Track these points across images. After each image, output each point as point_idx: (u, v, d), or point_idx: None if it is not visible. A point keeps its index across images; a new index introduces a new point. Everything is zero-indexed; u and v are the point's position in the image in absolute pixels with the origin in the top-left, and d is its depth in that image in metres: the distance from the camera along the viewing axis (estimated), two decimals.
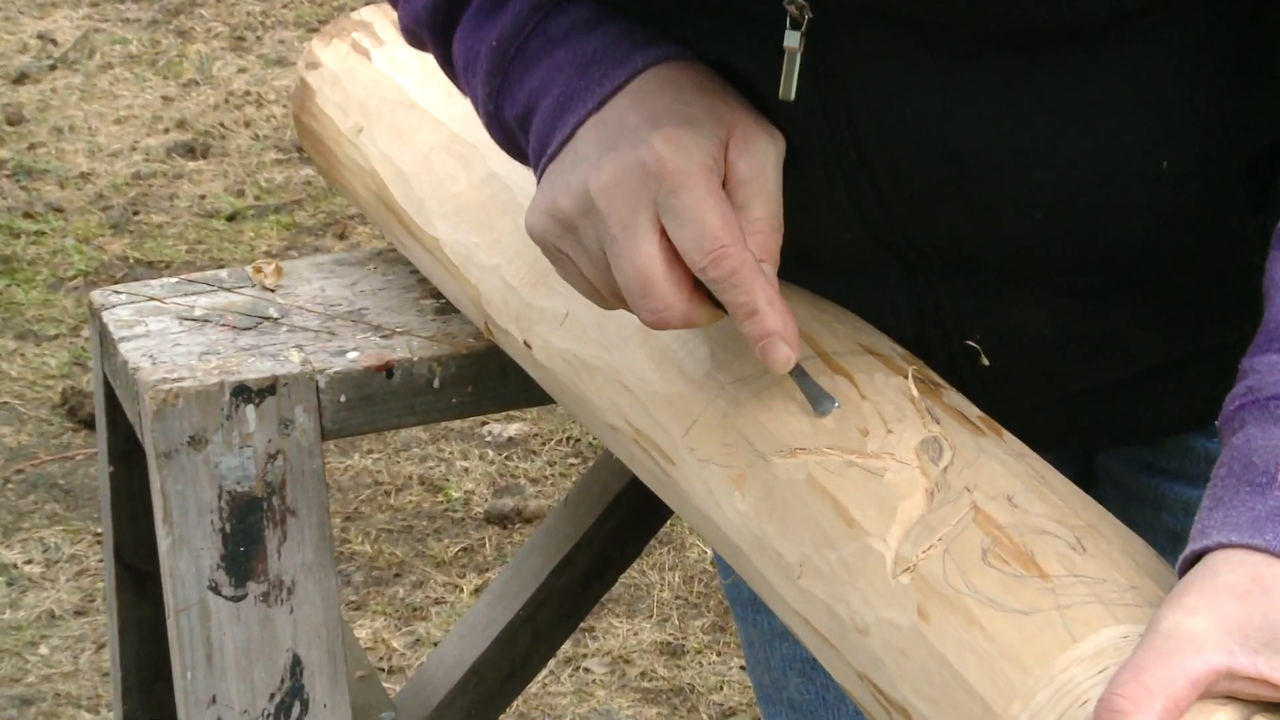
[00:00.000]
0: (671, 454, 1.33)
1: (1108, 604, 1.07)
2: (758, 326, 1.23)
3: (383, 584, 3.57)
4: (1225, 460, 1.10)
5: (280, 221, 4.96)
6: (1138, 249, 1.30)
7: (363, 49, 1.93)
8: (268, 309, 1.87)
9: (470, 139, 1.69)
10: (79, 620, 3.46)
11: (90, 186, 5.19)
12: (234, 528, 1.70)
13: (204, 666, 1.70)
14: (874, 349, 1.32)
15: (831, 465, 1.22)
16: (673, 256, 1.24)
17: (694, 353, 1.34)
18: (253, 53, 6.05)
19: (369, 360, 1.76)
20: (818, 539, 1.20)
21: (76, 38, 6.12)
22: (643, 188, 1.23)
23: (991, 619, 1.08)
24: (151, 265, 4.72)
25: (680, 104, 1.26)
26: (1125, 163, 1.26)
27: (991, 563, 1.11)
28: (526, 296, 1.50)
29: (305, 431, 1.71)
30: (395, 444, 4.00)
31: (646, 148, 1.23)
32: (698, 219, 1.22)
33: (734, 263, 1.22)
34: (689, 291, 1.25)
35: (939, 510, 1.16)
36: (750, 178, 1.25)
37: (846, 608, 1.16)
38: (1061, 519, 1.14)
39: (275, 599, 1.72)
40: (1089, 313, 1.34)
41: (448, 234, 1.65)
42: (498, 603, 2.32)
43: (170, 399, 1.67)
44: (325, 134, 1.92)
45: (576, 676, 3.31)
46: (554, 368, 1.47)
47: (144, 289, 1.92)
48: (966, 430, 1.23)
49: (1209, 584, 1.02)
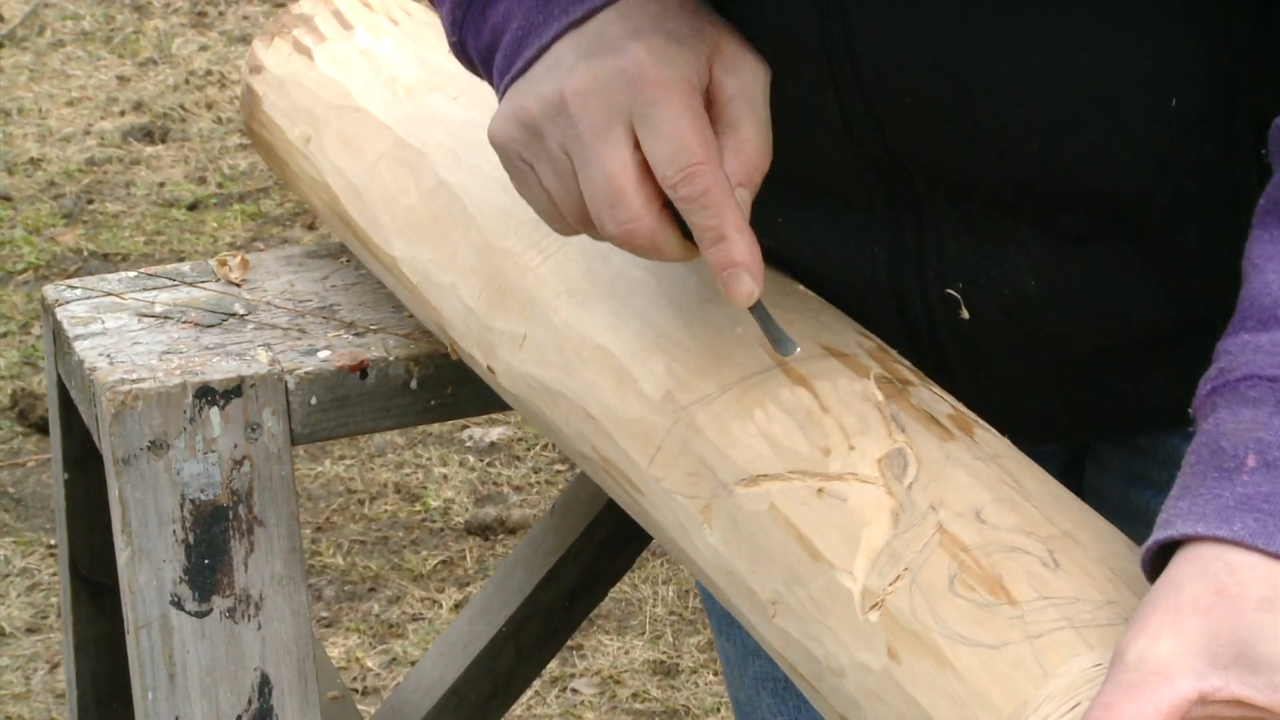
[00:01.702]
0: (640, 484, 1.36)
1: (1079, 628, 1.08)
2: (723, 254, 1.25)
3: (356, 599, 3.58)
4: (1195, 446, 1.10)
5: (245, 211, 4.96)
6: (1136, 192, 1.32)
7: (304, 48, 1.94)
8: (233, 305, 1.88)
9: (417, 144, 1.71)
10: (31, 638, 3.47)
11: (41, 173, 5.19)
12: (198, 538, 1.71)
13: (166, 686, 1.71)
14: (837, 349, 1.33)
15: (794, 493, 1.24)
16: (645, 169, 1.26)
17: (651, 371, 1.36)
18: (215, 29, 6.06)
19: (341, 360, 1.77)
20: (786, 575, 1.22)
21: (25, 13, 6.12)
22: (620, 94, 1.26)
23: (961, 657, 1.10)
24: (107, 258, 4.73)
25: (663, 18, 1.29)
26: (1130, 96, 1.27)
27: (959, 591, 1.13)
28: (485, 318, 1.52)
29: (274, 436, 1.72)
30: (369, 449, 4.01)
31: (629, 55, 1.26)
32: (674, 132, 1.24)
33: (706, 181, 1.24)
34: (659, 209, 1.27)
35: (904, 535, 1.18)
36: (738, 97, 1.28)
37: (821, 648, 1.19)
38: (1033, 529, 1.16)
39: (242, 614, 1.72)
40: (1076, 260, 1.36)
41: (404, 251, 1.66)
42: (479, 619, 2.33)
43: (129, 401, 1.68)
44: (277, 144, 1.94)
45: (564, 698, 3.32)
46: (519, 394, 1.49)
47: (100, 283, 1.93)
48: (934, 435, 1.25)
49: (1171, 602, 1.03)
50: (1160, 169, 1.31)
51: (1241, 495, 1.05)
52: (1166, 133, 1.29)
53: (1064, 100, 1.28)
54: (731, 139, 1.27)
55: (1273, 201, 1.16)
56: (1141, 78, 1.27)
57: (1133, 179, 1.31)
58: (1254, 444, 1.06)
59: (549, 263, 1.49)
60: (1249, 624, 1.00)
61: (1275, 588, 1.01)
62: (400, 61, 1.85)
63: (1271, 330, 1.11)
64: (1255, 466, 1.06)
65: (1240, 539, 1.03)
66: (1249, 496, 1.05)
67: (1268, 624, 1.00)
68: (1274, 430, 1.06)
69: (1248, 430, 1.07)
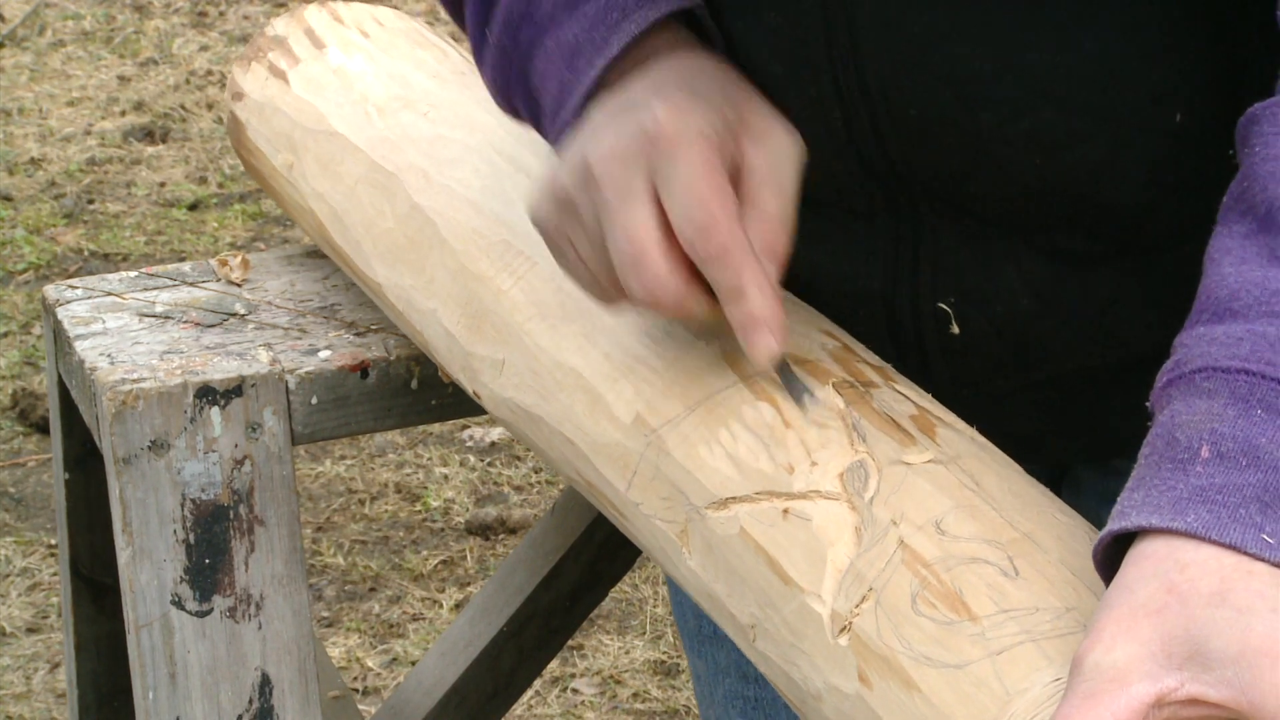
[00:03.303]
0: (622, 508, 1.36)
1: (1039, 640, 1.09)
2: (742, 310, 1.23)
3: (357, 599, 3.58)
4: (1150, 438, 1.10)
5: (246, 211, 4.96)
6: (1138, 209, 1.32)
7: (280, 71, 1.94)
8: (234, 305, 1.88)
9: (389, 167, 1.71)
10: (32, 638, 3.47)
11: (41, 173, 5.19)
12: (198, 538, 1.71)
13: (167, 686, 1.71)
14: (801, 356, 1.33)
15: (761, 514, 1.24)
16: (669, 229, 1.24)
17: (621, 394, 1.36)
18: (215, 29, 6.06)
19: (342, 359, 1.77)
20: (761, 599, 1.23)
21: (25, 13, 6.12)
22: (640, 154, 1.24)
23: (927, 678, 1.11)
24: (108, 258, 4.73)
25: (693, 78, 1.28)
26: (1135, 111, 1.27)
27: (922, 610, 1.14)
28: (466, 344, 1.52)
29: (274, 436, 1.72)
30: (370, 449, 4.01)
31: (648, 113, 1.24)
32: (690, 187, 1.22)
33: (724, 238, 1.22)
34: (686, 272, 1.25)
35: (867, 554, 1.19)
36: (763, 170, 1.26)
37: (799, 672, 1.20)
38: (994, 536, 1.17)
39: (243, 614, 1.73)
40: (1072, 281, 1.35)
41: (386, 276, 1.66)
42: (480, 619, 2.33)
43: (130, 401, 1.68)
44: (264, 170, 1.94)
45: (564, 698, 3.32)
46: (504, 418, 1.49)
47: (101, 283, 1.93)
48: (894, 441, 1.25)
49: (1125, 608, 1.03)
50: (1163, 186, 1.31)
51: (1195, 487, 1.04)
52: (1171, 149, 1.29)
53: (1067, 114, 1.28)
54: (752, 213, 1.25)
55: (1233, 198, 1.16)
56: (1146, 94, 1.27)
57: (1135, 195, 1.31)
58: (1208, 435, 1.06)
59: (520, 285, 1.49)
60: (1200, 621, 1.00)
61: (1225, 581, 1.01)
62: (371, 78, 1.85)
63: (1226, 322, 1.11)
64: (1209, 458, 1.05)
65: (1194, 530, 1.03)
66: (1203, 488, 1.04)
67: (1219, 619, 1.00)
68: (1228, 421, 1.06)
69: (1202, 422, 1.07)
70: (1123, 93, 1.27)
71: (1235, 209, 1.15)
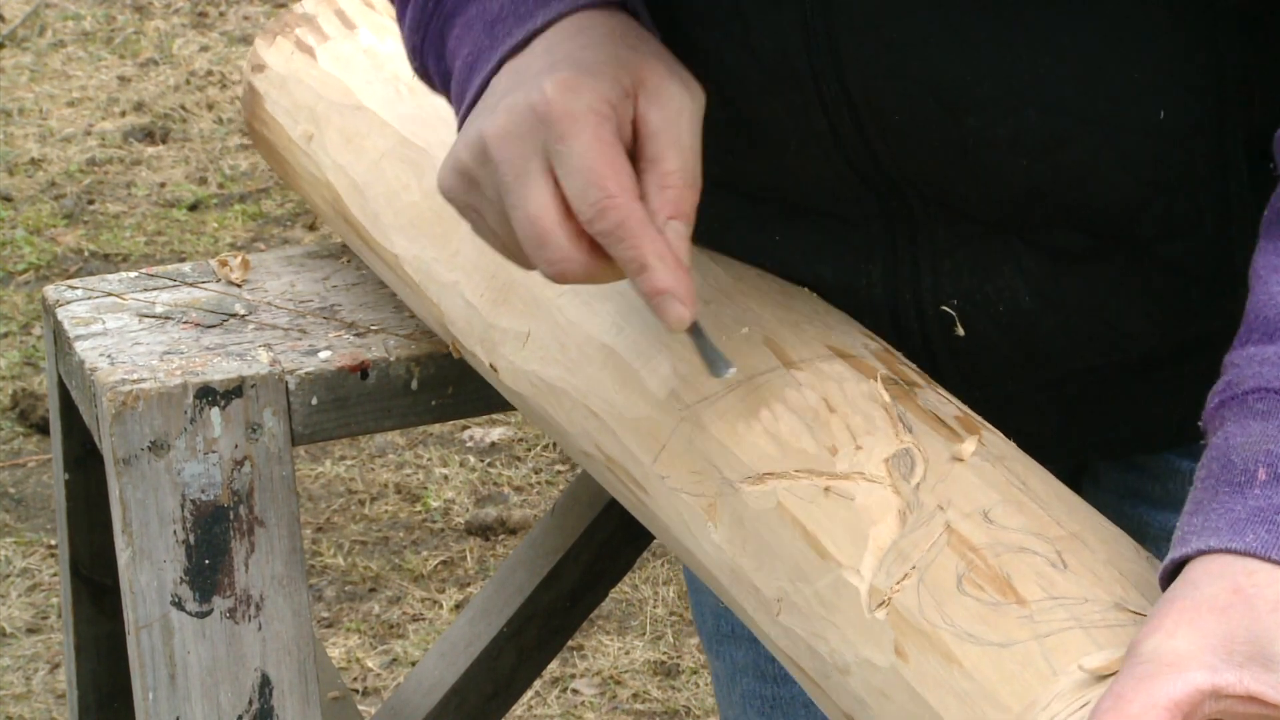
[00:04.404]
0: (644, 482, 1.36)
1: (1088, 628, 1.09)
2: (647, 283, 1.23)
3: (357, 599, 3.58)
4: (1205, 461, 1.11)
5: (246, 211, 4.96)
6: (1127, 207, 1.32)
7: (307, 46, 1.95)
8: (234, 305, 1.88)
9: (420, 142, 1.71)
10: (32, 638, 3.47)
11: (41, 174, 5.19)
12: (198, 539, 1.71)
13: (167, 687, 1.71)
14: (844, 350, 1.33)
15: (801, 491, 1.24)
16: (568, 205, 1.25)
17: (656, 370, 1.36)
18: (216, 29, 6.06)
19: (342, 360, 1.77)
20: (792, 572, 1.22)
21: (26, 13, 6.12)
22: (532, 133, 1.24)
23: (969, 655, 1.10)
24: (108, 258, 4.73)
25: (583, 49, 1.28)
26: (1119, 110, 1.27)
27: (967, 590, 1.13)
28: (488, 316, 1.52)
29: (274, 436, 1.72)
30: (370, 450, 4.01)
31: (537, 91, 1.25)
32: (583, 166, 1.23)
33: (620, 214, 1.22)
34: (589, 244, 1.25)
35: (911, 534, 1.18)
36: (661, 129, 1.26)
37: (826, 645, 1.19)
38: (1042, 531, 1.16)
39: (243, 615, 1.72)
40: (1071, 277, 1.36)
41: (405, 249, 1.66)
42: (480, 619, 2.33)
43: (130, 401, 1.68)
44: (278, 142, 1.94)
45: (564, 698, 3.32)
46: (522, 391, 1.49)
47: (101, 284, 1.93)
48: (941, 436, 1.25)
49: (1188, 600, 1.04)
50: (1150, 184, 1.31)
51: (1253, 508, 1.06)
52: (1156, 147, 1.29)
53: (1052, 115, 1.27)
54: (655, 174, 1.25)
55: (1276, 213, 1.16)
56: (1130, 92, 1.27)
57: (1123, 194, 1.31)
58: (1264, 458, 1.08)
59: None
60: (1265, 624, 1.02)
61: None
62: (403, 60, 1.85)
63: (1277, 342, 1.12)
64: (1266, 480, 1.07)
65: (1253, 550, 1.04)
66: (1261, 509, 1.06)
67: None
68: None
69: (1257, 443, 1.08)
70: (1105, 93, 1.27)
71: (1278, 224, 1.16)
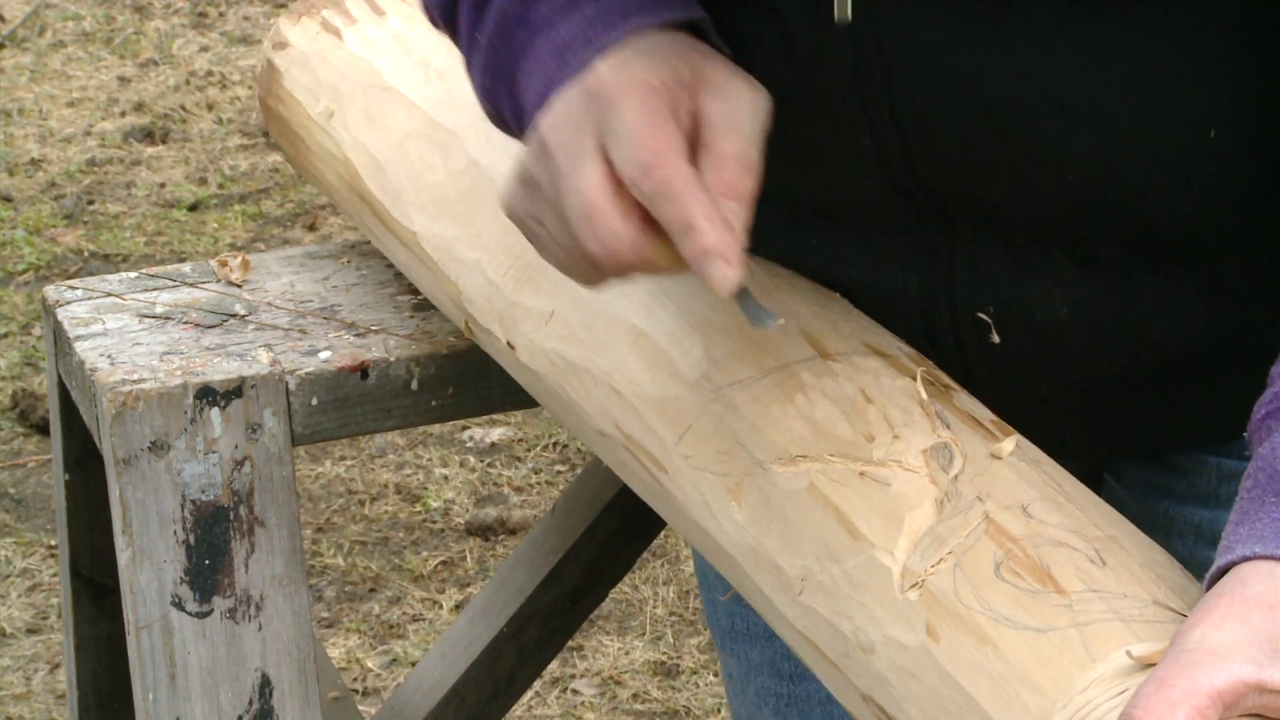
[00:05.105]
0: (664, 461, 1.35)
1: (1128, 621, 1.08)
2: (694, 243, 1.19)
3: (357, 600, 3.58)
4: (1252, 471, 1.11)
5: (246, 211, 4.96)
6: (1176, 225, 1.31)
7: (333, 28, 1.95)
8: (234, 305, 1.88)
9: (448, 124, 1.71)
10: (32, 639, 3.47)
11: (41, 174, 5.19)
12: (198, 539, 1.71)
13: (167, 687, 1.71)
14: (880, 349, 1.33)
15: (835, 474, 1.23)
16: (621, 184, 1.22)
17: (688, 353, 1.36)
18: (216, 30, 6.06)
19: (342, 360, 1.77)
20: (820, 552, 1.21)
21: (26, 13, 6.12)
22: (584, 113, 1.23)
23: (1005, 638, 1.09)
24: (108, 258, 4.73)
25: (646, 45, 1.26)
26: (1168, 129, 1.26)
27: (1005, 577, 1.12)
28: (510, 294, 1.52)
29: (274, 436, 1.72)
30: (370, 450, 4.01)
31: (590, 73, 1.24)
32: (630, 130, 1.20)
33: (666, 172, 1.19)
34: (640, 221, 1.22)
35: (949, 521, 1.17)
36: (722, 121, 1.23)
37: (850, 624, 1.18)
38: (1079, 530, 1.16)
39: (243, 615, 1.72)
40: (1111, 290, 1.35)
41: (425, 226, 1.66)
42: (480, 619, 2.33)
43: (130, 402, 1.68)
44: (293, 119, 1.94)
45: (564, 698, 3.32)
46: (540, 370, 1.48)
47: (101, 284, 1.93)
48: (979, 435, 1.25)
49: (1236, 595, 1.04)
50: (1202, 204, 1.30)
51: None
52: (1208, 168, 1.28)
53: (1102, 134, 1.26)
54: (710, 156, 1.22)
55: None
56: (1182, 116, 1.26)
57: (1172, 212, 1.30)
58: None
59: None
60: None
61: None
62: (433, 47, 1.85)
63: None
64: None
65: None
66: None
67: None
68: None
69: None
70: (1158, 116, 1.26)
71: None
